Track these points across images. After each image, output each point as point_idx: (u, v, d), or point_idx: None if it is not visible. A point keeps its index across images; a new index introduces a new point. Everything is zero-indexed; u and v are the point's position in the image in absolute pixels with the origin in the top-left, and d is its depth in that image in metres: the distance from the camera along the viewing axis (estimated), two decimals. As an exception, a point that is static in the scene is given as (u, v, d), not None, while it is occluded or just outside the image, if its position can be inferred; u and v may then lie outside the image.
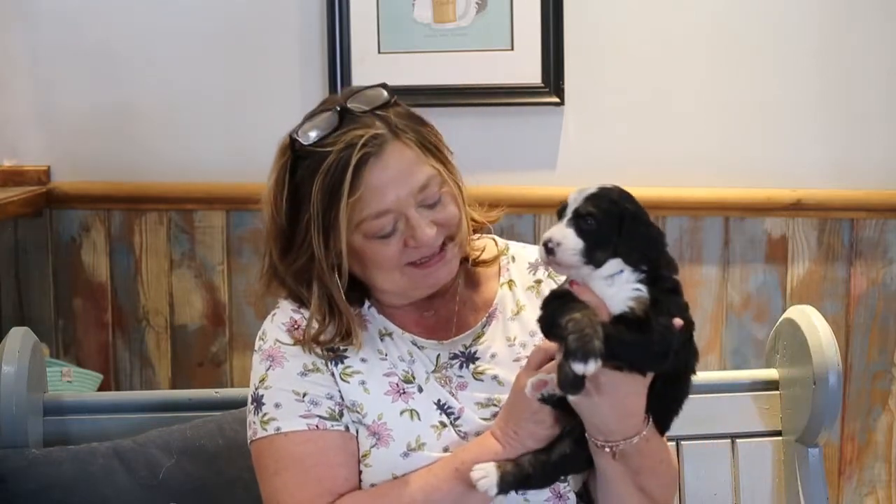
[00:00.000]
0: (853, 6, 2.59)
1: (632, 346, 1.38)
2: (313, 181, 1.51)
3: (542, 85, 2.63)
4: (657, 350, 1.40)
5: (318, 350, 1.58)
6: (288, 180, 1.54)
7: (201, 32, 2.72)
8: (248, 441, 1.60)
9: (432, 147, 1.57)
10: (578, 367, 1.32)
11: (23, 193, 2.68)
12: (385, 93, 1.56)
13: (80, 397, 2.03)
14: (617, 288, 1.40)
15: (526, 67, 2.62)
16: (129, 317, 2.79)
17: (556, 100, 2.63)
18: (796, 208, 2.61)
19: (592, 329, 1.33)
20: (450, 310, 1.64)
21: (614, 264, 1.40)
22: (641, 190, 2.59)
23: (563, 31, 2.61)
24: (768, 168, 2.64)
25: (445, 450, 1.55)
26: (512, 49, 2.63)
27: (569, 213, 1.41)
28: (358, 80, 2.65)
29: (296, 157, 1.54)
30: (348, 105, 1.53)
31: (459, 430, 1.57)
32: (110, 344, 2.80)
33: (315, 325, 1.57)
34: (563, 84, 2.63)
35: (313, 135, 1.52)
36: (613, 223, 1.40)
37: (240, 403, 1.87)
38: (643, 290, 1.40)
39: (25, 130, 2.79)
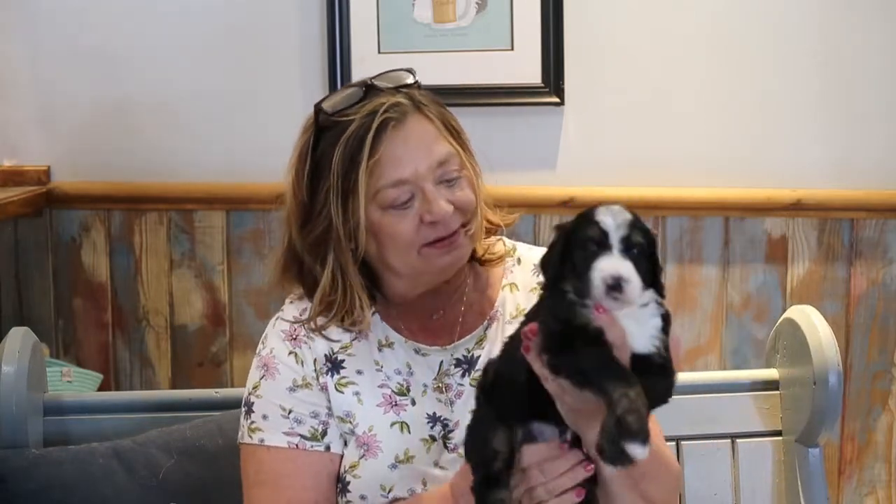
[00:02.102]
0: (853, 6, 2.59)
1: (659, 394, 1.33)
2: (334, 150, 1.52)
3: (542, 85, 2.63)
4: (673, 389, 1.36)
5: (320, 337, 1.59)
6: (310, 155, 1.56)
7: (201, 33, 2.72)
8: (238, 441, 1.63)
9: (453, 129, 1.58)
10: (638, 451, 1.24)
11: (23, 193, 2.68)
12: (410, 75, 1.60)
13: (80, 397, 2.03)
14: (642, 323, 1.33)
15: (526, 67, 2.62)
16: (129, 317, 2.79)
17: (556, 100, 2.63)
18: (796, 208, 2.61)
19: (645, 408, 1.25)
20: (457, 312, 1.64)
21: (646, 296, 1.33)
22: (641, 190, 2.62)
23: (563, 31, 2.61)
24: (768, 168, 2.64)
25: (435, 463, 1.57)
26: (512, 49, 2.63)
27: (617, 242, 1.30)
28: (358, 80, 2.64)
29: (319, 131, 1.55)
30: (373, 81, 1.57)
31: (449, 444, 1.58)
32: (110, 344, 2.80)
33: (321, 304, 1.58)
34: (563, 84, 2.63)
35: (337, 105, 1.55)
36: (648, 253, 1.33)
37: (240, 403, 1.87)
38: (660, 326, 1.34)
39: (25, 130, 2.79)
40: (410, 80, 1.59)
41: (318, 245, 1.57)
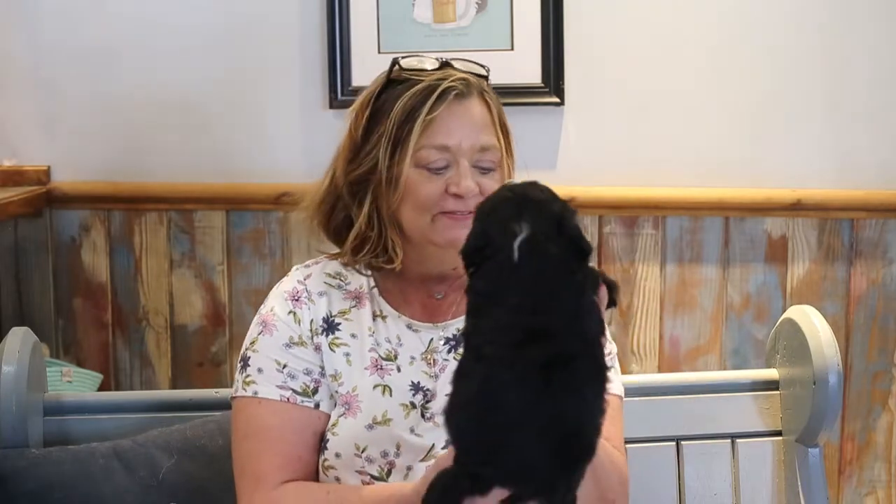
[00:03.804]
0: (854, 6, 2.59)
1: None
2: (397, 101, 1.62)
3: (542, 85, 2.63)
4: None
5: (358, 265, 1.67)
6: (373, 102, 1.65)
7: (201, 33, 2.72)
8: (230, 396, 1.67)
9: (504, 127, 1.69)
10: None
11: (23, 193, 2.67)
12: (484, 69, 1.71)
13: (80, 397, 2.02)
14: None
15: (526, 67, 2.62)
16: (129, 317, 2.79)
17: (556, 100, 2.63)
18: (796, 208, 2.61)
19: None
20: (457, 295, 1.68)
21: None
22: (641, 190, 2.62)
23: (563, 31, 2.61)
24: (768, 168, 2.64)
25: (411, 430, 1.60)
26: (512, 49, 2.63)
27: None
28: (358, 80, 2.65)
29: (387, 83, 1.65)
30: (450, 61, 1.68)
31: (427, 413, 1.61)
32: (110, 344, 2.80)
33: (356, 240, 1.65)
34: (563, 84, 2.63)
35: (413, 64, 1.66)
36: None
37: (240, 403, 1.88)
38: None
39: (25, 130, 2.79)
40: (483, 73, 1.70)
41: (359, 184, 1.64)
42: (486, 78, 1.70)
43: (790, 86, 2.62)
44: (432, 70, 1.65)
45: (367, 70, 2.64)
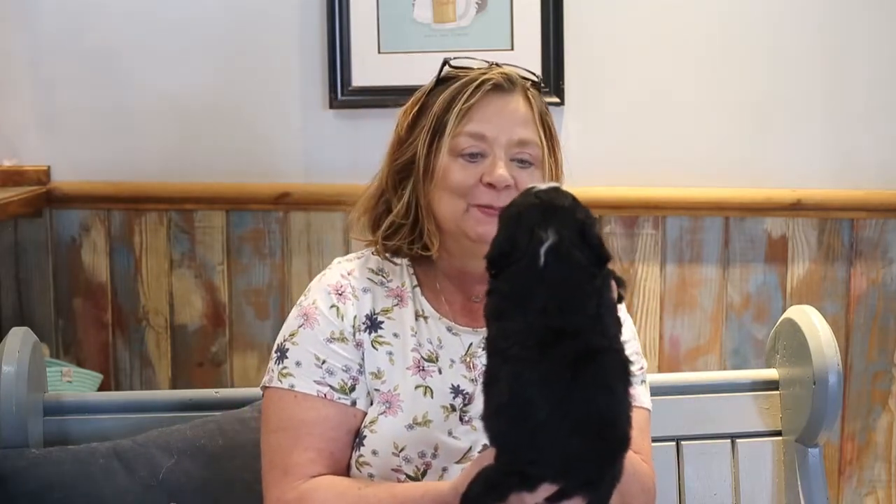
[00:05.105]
0: (854, 6, 2.59)
1: None
2: (441, 94, 1.64)
3: (543, 85, 2.62)
4: None
5: (388, 254, 1.67)
6: (423, 100, 1.67)
7: (201, 32, 2.72)
8: (262, 385, 1.65)
9: (547, 126, 1.68)
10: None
11: (23, 193, 2.67)
12: (535, 77, 1.71)
13: (80, 397, 2.02)
14: None
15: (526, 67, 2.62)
16: (129, 317, 2.79)
17: (556, 100, 2.63)
18: (796, 208, 2.61)
19: None
20: None
21: None
22: (641, 190, 2.62)
23: (563, 30, 2.61)
24: (768, 168, 2.64)
25: (449, 432, 1.60)
26: (512, 49, 2.63)
27: None
28: (358, 80, 2.65)
29: (437, 83, 1.66)
30: (501, 64, 1.69)
31: (465, 416, 1.61)
32: (110, 344, 2.80)
33: (390, 228, 1.65)
34: (563, 84, 2.63)
35: (462, 63, 1.68)
36: None
37: (240, 403, 1.88)
38: None
39: (25, 130, 2.79)
40: (534, 78, 1.70)
41: (400, 172, 1.65)
42: (537, 85, 1.70)
43: (790, 86, 2.62)
44: (479, 69, 1.67)
45: (367, 70, 2.65)
